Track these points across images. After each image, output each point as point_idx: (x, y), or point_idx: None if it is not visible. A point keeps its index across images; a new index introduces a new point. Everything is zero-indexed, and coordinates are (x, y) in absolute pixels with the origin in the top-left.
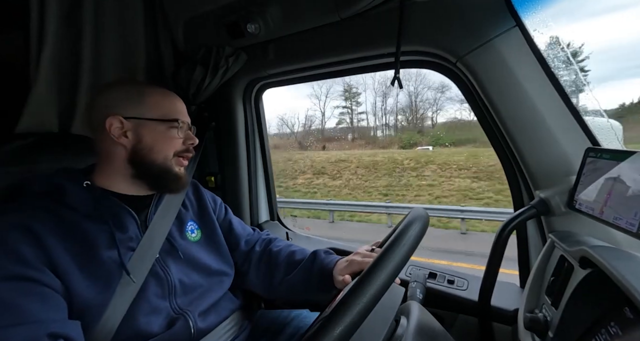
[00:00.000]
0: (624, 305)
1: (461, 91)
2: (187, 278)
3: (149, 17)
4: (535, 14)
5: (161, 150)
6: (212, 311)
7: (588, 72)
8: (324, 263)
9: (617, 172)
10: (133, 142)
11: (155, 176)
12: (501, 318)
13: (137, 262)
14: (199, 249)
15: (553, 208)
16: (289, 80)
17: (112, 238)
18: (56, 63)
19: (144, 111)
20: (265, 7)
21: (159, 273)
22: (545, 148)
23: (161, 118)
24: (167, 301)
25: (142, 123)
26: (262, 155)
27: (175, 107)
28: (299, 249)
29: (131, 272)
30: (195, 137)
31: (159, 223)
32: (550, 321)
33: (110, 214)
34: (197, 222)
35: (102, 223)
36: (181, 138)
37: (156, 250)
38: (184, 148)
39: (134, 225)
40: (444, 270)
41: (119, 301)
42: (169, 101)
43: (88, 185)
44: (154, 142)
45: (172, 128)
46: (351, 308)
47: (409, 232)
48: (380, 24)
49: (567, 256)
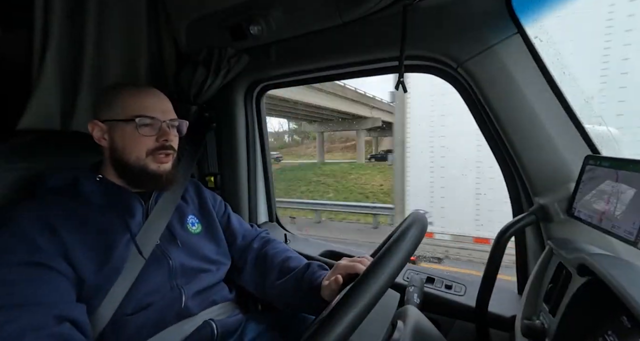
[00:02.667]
0: (622, 313)
1: (461, 96)
2: (187, 262)
3: (152, 18)
4: (537, 21)
5: (132, 150)
6: (205, 293)
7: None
8: (315, 276)
9: (616, 180)
10: (109, 144)
11: (133, 175)
12: (498, 325)
13: (144, 242)
14: (199, 240)
15: (552, 215)
16: (290, 82)
17: (125, 224)
18: (59, 61)
19: (114, 113)
20: (268, 9)
21: (159, 256)
22: (545, 155)
23: (127, 118)
24: (168, 280)
25: (114, 125)
26: (262, 157)
27: (143, 105)
28: (295, 256)
29: (140, 246)
30: (171, 133)
31: (159, 213)
32: (547, 328)
33: (122, 204)
34: (198, 216)
35: (115, 212)
36: (152, 135)
37: (158, 234)
38: (158, 145)
39: (140, 212)
40: (442, 275)
41: (125, 278)
42: (139, 100)
43: (101, 179)
44: (124, 142)
45: (139, 127)
46: (349, 310)
47: (407, 235)
48: (382, 28)
49: (566, 264)
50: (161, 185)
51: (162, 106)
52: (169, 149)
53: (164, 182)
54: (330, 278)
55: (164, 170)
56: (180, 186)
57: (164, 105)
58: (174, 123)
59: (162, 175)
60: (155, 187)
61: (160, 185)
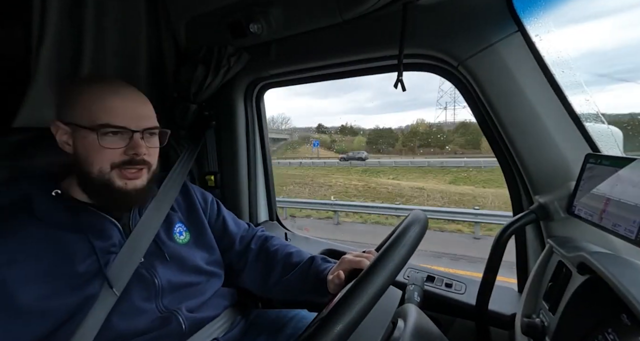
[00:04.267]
0: (622, 311)
1: (462, 95)
2: (175, 278)
3: (151, 15)
4: (537, 19)
5: (94, 161)
6: (202, 308)
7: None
8: (321, 268)
9: (616, 178)
10: (72, 151)
11: (95, 191)
12: (498, 323)
13: (118, 268)
14: (188, 251)
15: (552, 214)
16: (291, 81)
17: (91, 248)
18: (56, 58)
19: (76, 116)
20: (268, 7)
21: (144, 276)
22: (545, 154)
23: (89, 126)
24: (153, 303)
25: (76, 130)
26: (262, 156)
27: (110, 109)
28: (296, 251)
29: (112, 279)
30: (143, 146)
31: (144, 226)
32: (547, 326)
33: (87, 224)
34: (186, 223)
35: (79, 233)
36: (119, 148)
37: (140, 254)
38: (126, 159)
39: (116, 231)
40: (442, 274)
41: (99, 308)
42: (104, 102)
43: (58, 194)
44: (86, 152)
45: (100, 136)
46: (350, 308)
47: (408, 233)
48: (383, 26)
49: (566, 262)
50: (129, 204)
51: (135, 111)
52: (139, 164)
53: (132, 200)
54: (334, 273)
55: (132, 188)
56: (174, 191)
57: (139, 110)
58: (152, 131)
59: (130, 193)
60: (122, 207)
61: (128, 204)
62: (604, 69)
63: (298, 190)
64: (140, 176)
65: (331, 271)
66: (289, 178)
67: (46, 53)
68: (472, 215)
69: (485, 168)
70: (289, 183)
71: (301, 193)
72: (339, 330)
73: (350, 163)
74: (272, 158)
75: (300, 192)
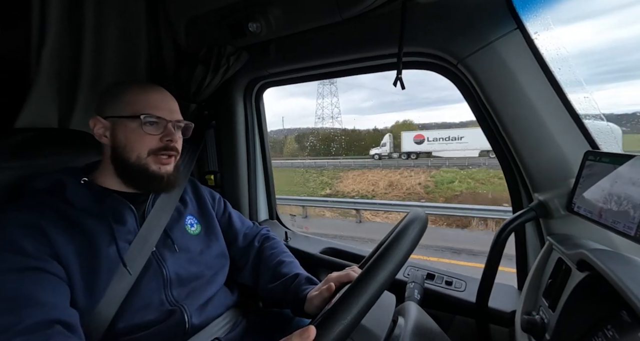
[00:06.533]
0: (621, 308)
1: (461, 93)
2: (183, 270)
3: (151, 15)
4: (537, 16)
5: (133, 148)
6: (207, 306)
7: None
8: (301, 288)
9: (615, 175)
10: (111, 141)
11: (132, 175)
12: (498, 320)
13: (133, 255)
14: (198, 242)
15: (552, 211)
16: (290, 80)
17: (112, 233)
18: (57, 59)
19: (118, 110)
20: (267, 6)
21: (154, 266)
22: (545, 151)
23: (131, 115)
24: (163, 294)
25: (117, 122)
26: (262, 155)
27: (150, 102)
28: (289, 261)
29: (128, 264)
30: (176, 134)
31: (156, 216)
32: (547, 323)
33: (110, 210)
34: (197, 216)
35: (102, 218)
36: (156, 135)
37: (153, 243)
38: (161, 145)
39: (132, 218)
40: (442, 271)
41: (114, 293)
42: (144, 97)
43: (86, 182)
44: (126, 140)
45: (144, 124)
46: (351, 306)
47: (408, 232)
48: (382, 25)
49: (565, 259)
50: (161, 187)
51: (169, 105)
52: (172, 151)
53: (164, 184)
54: (322, 288)
55: (165, 172)
56: (180, 187)
57: (171, 104)
58: (180, 124)
59: (163, 177)
60: (155, 189)
61: (161, 187)
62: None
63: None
64: (170, 162)
65: (316, 288)
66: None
67: (47, 54)
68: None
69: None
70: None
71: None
72: (341, 328)
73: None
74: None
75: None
